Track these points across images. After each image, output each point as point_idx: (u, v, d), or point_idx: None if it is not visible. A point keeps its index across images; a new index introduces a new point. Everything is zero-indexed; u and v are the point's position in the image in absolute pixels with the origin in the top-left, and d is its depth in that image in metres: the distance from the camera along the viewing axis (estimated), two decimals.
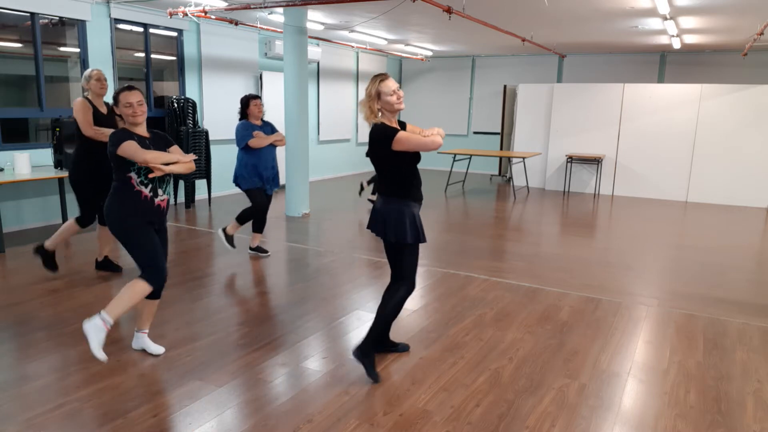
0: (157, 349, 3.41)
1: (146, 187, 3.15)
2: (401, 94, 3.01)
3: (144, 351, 3.40)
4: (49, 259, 4.76)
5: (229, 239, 5.48)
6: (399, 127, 3.07)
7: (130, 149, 3.04)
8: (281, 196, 8.41)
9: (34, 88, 6.54)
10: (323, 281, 4.87)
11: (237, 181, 5.26)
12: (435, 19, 7.45)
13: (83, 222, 4.74)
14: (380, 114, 3.01)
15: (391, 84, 2.97)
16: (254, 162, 5.16)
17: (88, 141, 4.49)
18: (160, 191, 3.22)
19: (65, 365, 3.21)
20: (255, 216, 5.41)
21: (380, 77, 3.00)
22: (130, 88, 3.17)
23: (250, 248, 5.62)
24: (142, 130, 3.21)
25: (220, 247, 5.94)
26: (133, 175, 3.12)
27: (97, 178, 4.54)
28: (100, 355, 3.00)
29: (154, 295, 3.31)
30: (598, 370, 3.31)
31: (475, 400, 2.94)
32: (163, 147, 3.27)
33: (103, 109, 4.59)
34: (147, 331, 3.44)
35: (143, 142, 3.14)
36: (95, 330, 3.04)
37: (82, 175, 4.63)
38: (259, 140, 5.09)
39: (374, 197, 7.26)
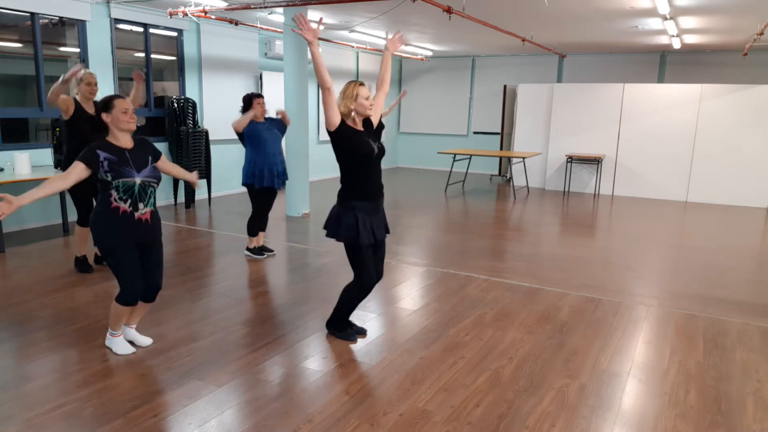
0: (145, 340, 3.48)
1: (125, 202, 3.08)
2: (373, 102, 3.35)
3: (142, 347, 3.42)
4: (80, 263, 4.92)
5: (256, 251, 5.51)
6: (363, 130, 3.35)
7: (54, 184, 2.93)
8: (281, 196, 8.40)
9: (34, 88, 6.54)
10: (323, 281, 4.87)
11: (245, 179, 5.27)
12: (435, 19, 7.45)
13: (81, 222, 4.83)
14: (353, 114, 3.28)
15: (366, 91, 3.31)
16: (260, 158, 5.16)
17: (77, 142, 4.47)
18: (140, 205, 3.13)
19: (65, 365, 3.21)
20: (257, 220, 5.41)
21: (358, 82, 3.31)
22: (121, 96, 3.20)
23: (248, 249, 5.58)
24: (127, 141, 3.15)
25: (221, 247, 5.94)
26: (112, 191, 3.06)
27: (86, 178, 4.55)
28: (126, 351, 3.36)
29: (147, 299, 3.37)
30: (598, 370, 3.31)
31: (475, 400, 2.94)
32: (147, 157, 3.19)
33: (92, 111, 4.56)
34: (134, 325, 3.51)
35: (122, 155, 3.08)
36: (110, 342, 3.40)
37: None
38: (238, 122, 5.07)
39: None
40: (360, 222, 3.28)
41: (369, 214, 3.34)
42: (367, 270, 3.39)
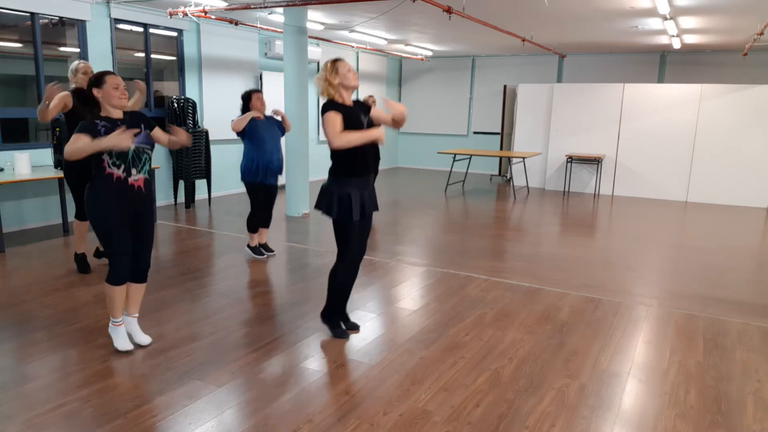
0: (144, 339, 3.48)
1: (118, 168, 3.12)
2: (356, 74, 3.32)
3: (142, 347, 3.41)
4: (79, 261, 4.92)
5: (256, 250, 5.51)
6: (353, 105, 3.34)
7: (78, 144, 2.92)
8: (281, 196, 8.41)
9: (34, 88, 6.54)
10: (323, 281, 4.86)
11: (241, 174, 5.27)
12: (435, 19, 7.45)
13: (80, 216, 4.86)
14: (338, 88, 3.27)
15: (347, 64, 3.30)
16: (257, 155, 5.16)
17: None
18: (134, 170, 3.17)
19: (65, 365, 3.21)
20: (257, 217, 5.41)
21: (337, 58, 3.33)
22: (113, 72, 3.24)
23: (248, 246, 5.58)
24: (119, 114, 3.20)
25: (221, 247, 5.94)
26: (105, 156, 3.09)
27: (86, 171, 4.57)
28: (125, 347, 3.35)
29: (137, 280, 3.40)
30: (598, 370, 3.31)
31: (475, 400, 2.94)
32: (140, 124, 3.24)
33: None
34: (136, 315, 3.50)
35: (116, 124, 3.11)
36: (112, 330, 3.41)
37: (72, 170, 4.69)
38: (237, 122, 5.07)
39: None
40: (353, 199, 3.32)
41: (360, 189, 3.37)
42: (353, 246, 3.45)
